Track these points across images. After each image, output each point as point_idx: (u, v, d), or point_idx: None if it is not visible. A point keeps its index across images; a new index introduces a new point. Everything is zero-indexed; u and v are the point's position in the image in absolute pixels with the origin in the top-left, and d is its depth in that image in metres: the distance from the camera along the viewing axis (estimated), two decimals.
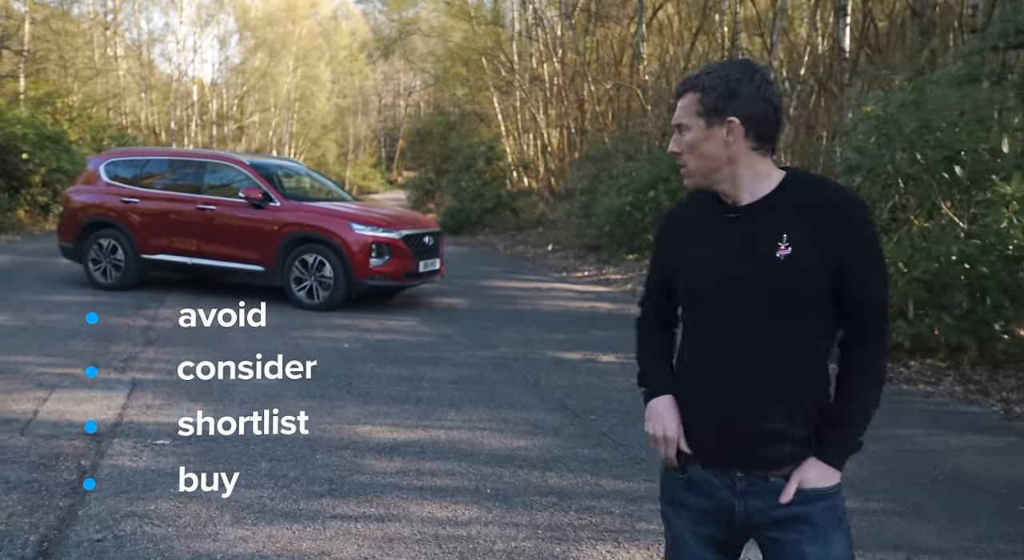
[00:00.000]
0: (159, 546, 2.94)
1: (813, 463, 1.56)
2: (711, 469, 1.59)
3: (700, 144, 1.58)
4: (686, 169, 1.61)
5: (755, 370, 1.54)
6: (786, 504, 1.54)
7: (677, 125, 1.61)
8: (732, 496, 1.57)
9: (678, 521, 1.63)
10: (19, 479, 3.49)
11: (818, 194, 1.56)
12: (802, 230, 1.52)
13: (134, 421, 4.37)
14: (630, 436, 4.44)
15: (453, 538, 3.12)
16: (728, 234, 1.57)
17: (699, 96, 1.57)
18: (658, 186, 11.93)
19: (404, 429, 4.45)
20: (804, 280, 1.52)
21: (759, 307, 1.52)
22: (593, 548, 3.09)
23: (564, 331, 7.54)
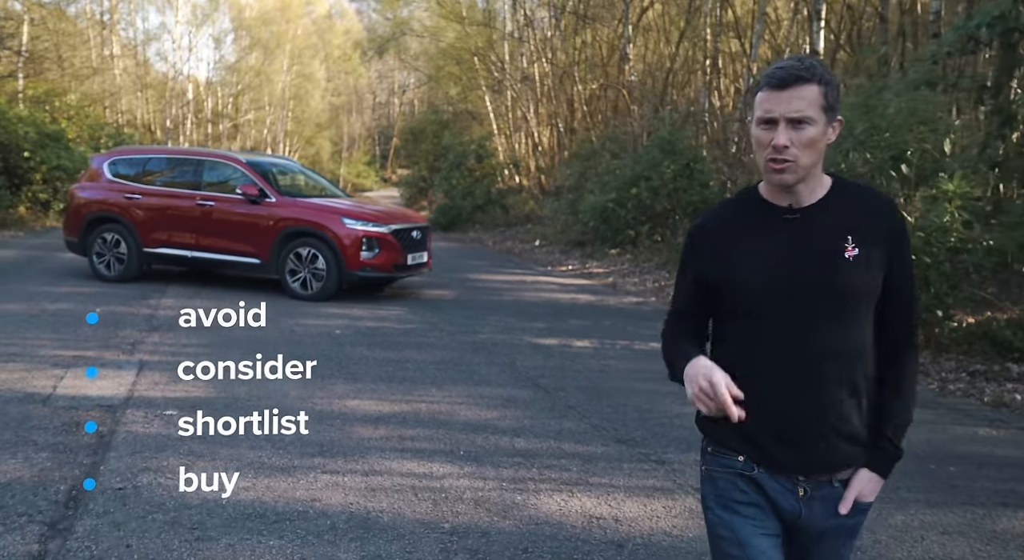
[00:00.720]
0: (171, 493, 3.40)
1: (868, 475, 1.58)
2: (775, 477, 1.57)
3: (820, 140, 1.51)
4: (792, 164, 1.50)
5: (824, 371, 1.53)
6: (843, 515, 1.57)
7: (793, 119, 1.49)
8: (796, 502, 1.57)
9: (746, 525, 1.58)
10: (46, 441, 3.94)
11: (868, 198, 1.59)
12: (864, 232, 1.54)
13: (144, 396, 4.83)
14: (594, 410, 4.90)
15: (427, 489, 3.58)
16: (786, 236, 1.54)
17: (823, 89, 1.50)
18: (640, 183, 12.38)
19: (388, 403, 4.92)
20: (871, 280, 1.54)
21: (828, 307, 1.52)
22: (550, 497, 3.55)
23: (544, 320, 8.01)
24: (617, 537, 3.18)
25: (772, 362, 1.54)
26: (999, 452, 4.38)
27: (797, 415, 1.53)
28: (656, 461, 4.06)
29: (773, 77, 1.50)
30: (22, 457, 3.72)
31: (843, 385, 1.54)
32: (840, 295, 1.52)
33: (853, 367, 1.54)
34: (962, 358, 6.29)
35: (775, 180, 1.53)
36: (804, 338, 1.52)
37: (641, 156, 13.11)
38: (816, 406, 1.53)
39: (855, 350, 1.55)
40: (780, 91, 1.48)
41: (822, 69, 1.50)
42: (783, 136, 1.48)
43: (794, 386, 1.53)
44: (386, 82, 59.77)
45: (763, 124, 1.51)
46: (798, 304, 1.51)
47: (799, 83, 1.47)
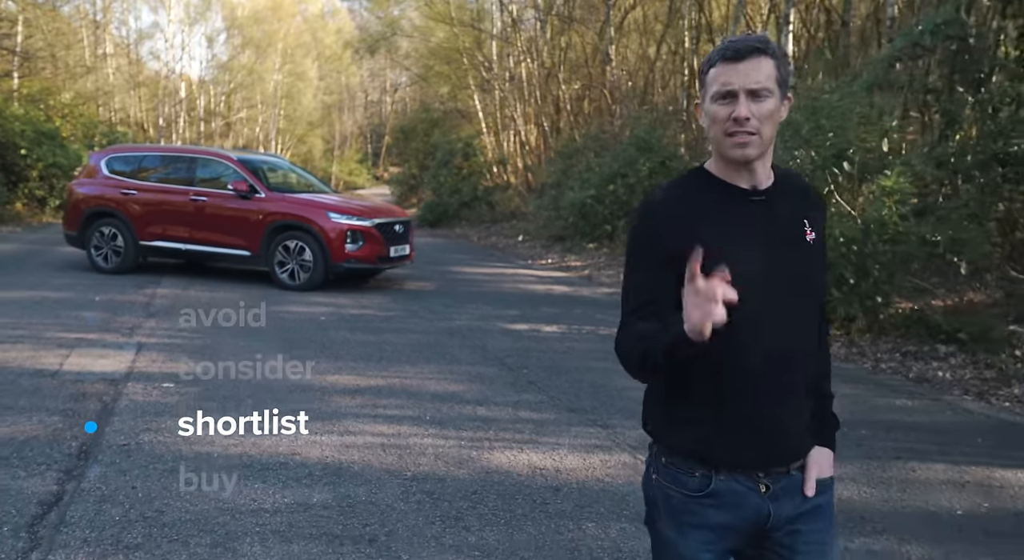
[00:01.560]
0: (170, 449, 3.89)
1: (823, 452, 1.56)
2: (735, 477, 1.50)
3: (775, 113, 1.46)
4: (755, 138, 1.44)
5: (786, 361, 1.49)
6: (810, 497, 1.53)
7: (753, 90, 1.43)
8: (760, 500, 1.50)
9: (691, 544, 1.51)
10: (57, 407, 4.43)
11: (798, 180, 1.61)
12: (813, 213, 1.55)
13: (143, 371, 5.31)
14: (552, 384, 5.41)
15: (394, 446, 4.08)
16: (755, 220, 1.48)
17: (775, 63, 1.45)
18: (616, 181, 12.91)
19: (365, 378, 5.42)
20: (823, 262, 1.55)
21: (792, 294, 1.48)
22: (501, 453, 4.06)
23: (518, 308, 8.51)
24: (555, 483, 3.69)
25: (743, 350, 1.44)
26: (908, 419, 4.90)
27: (767, 410, 1.47)
28: (601, 425, 4.57)
29: (728, 49, 1.45)
30: (37, 420, 4.20)
31: (804, 373, 1.52)
32: (807, 279, 1.51)
33: (811, 353, 1.54)
34: (898, 340, 6.81)
35: (737, 155, 1.44)
36: (773, 326, 1.46)
37: (619, 154, 13.62)
38: (784, 398, 1.49)
39: (814, 335, 1.54)
40: (736, 63, 1.43)
41: (774, 44, 1.47)
42: (744, 108, 1.42)
43: (769, 379, 1.46)
44: (378, 80, 60.10)
45: (721, 98, 1.44)
46: (773, 289, 1.45)
47: (756, 55, 1.43)
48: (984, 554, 3.09)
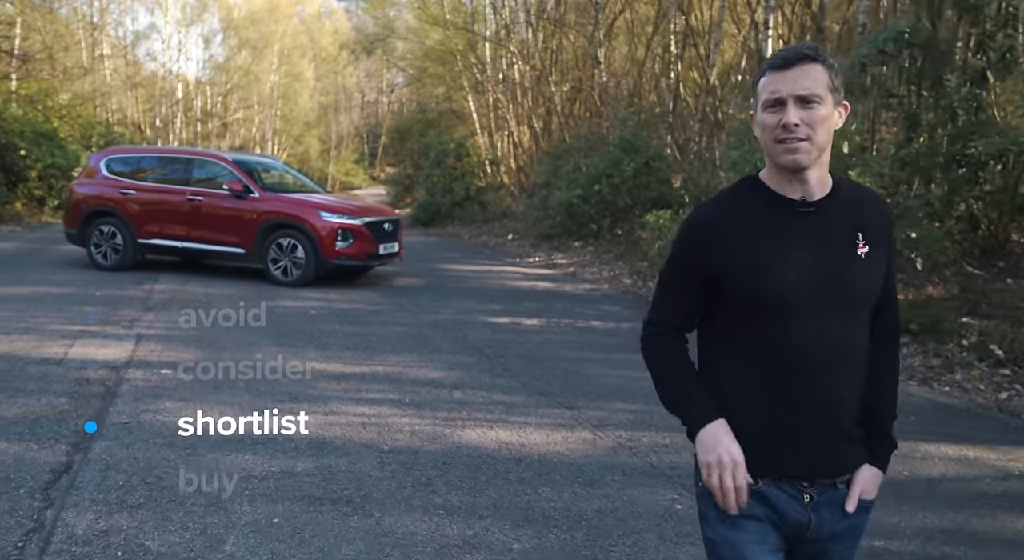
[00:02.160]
0: (168, 425, 4.25)
1: (870, 471, 1.55)
2: (778, 484, 1.52)
3: (828, 120, 1.45)
4: (805, 144, 1.43)
5: (838, 373, 1.48)
6: (850, 514, 1.53)
7: (802, 97, 1.43)
8: (802, 510, 1.51)
9: (746, 538, 1.52)
10: (63, 390, 4.79)
11: (867, 196, 1.57)
12: (870, 227, 1.51)
13: (142, 359, 5.68)
14: (526, 371, 5.78)
15: (374, 424, 4.46)
16: (803, 231, 1.48)
17: (828, 71, 1.46)
18: (602, 181, 13.27)
19: (351, 365, 5.79)
20: (877, 277, 1.52)
21: (839, 308, 1.47)
22: (472, 430, 4.43)
23: (501, 303, 8.88)
24: (519, 455, 4.06)
25: (787, 364, 1.47)
26: None
27: (812, 420, 1.48)
28: (567, 407, 4.94)
29: (777, 58, 1.47)
30: (45, 401, 4.56)
31: (851, 386, 1.51)
32: (853, 294, 1.49)
33: (859, 368, 1.52)
34: None
35: (787, 161, 1.45)
36: (820, 338, 1.46)
37: (605, 155, 13.99)
38: (830, 410, 1.48)
39: (860, 350, 1.52)
40: (785, 70, 1.44)
41: (824, 52, 1.47)
42: (793, 114, 1.43)
43: (809, 389, 1.47)
44: (375, 81, 60.40)
45: (770, 106, 1.45)
46: (817, 304, 1.45)
47: (804, 62, 1.44)
48: (892, 513, 3.46)
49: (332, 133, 54.54)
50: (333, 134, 54.70)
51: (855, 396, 1.52)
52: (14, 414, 4.31)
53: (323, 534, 3.09)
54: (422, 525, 3.22)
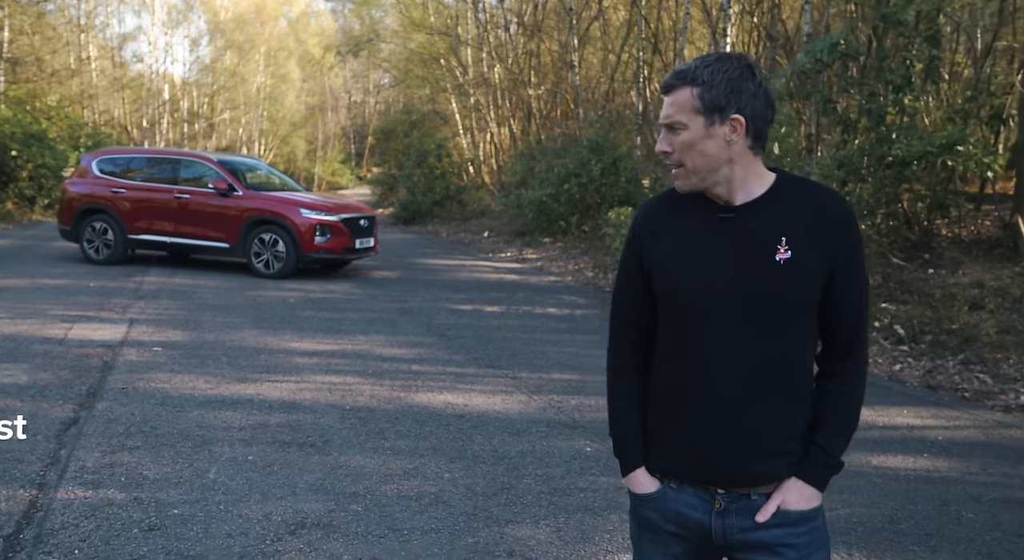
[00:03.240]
0: (160, 392, 4.92)
1: (795, 484, 1.50)
2: (688, 489, 1.53)
3: (698, 143, 1.45)
4: (683, 169, 1.48)
5: (750, 382, 1.45)
6: (767, 526, 1.48)
7: (668, 124, 1.47)
8: (707, 515, 1.51)
9: (645, 544, 1.59)
10: (66, 364, 5.45)
11: (811, 193, 1.50)
12: (799, 231, 1.45)
13: (135, 339, 6.33)
14: (480, 349, 6.48)
15: (339, 389, 5.14)
16: (722, 237, 1.47)
17: (698, 90, 1.44)
18: (571, 180, 13.98)
19: (323, 344, 6.47)
20: (803, 284, 1.44)
21: (757, 315, 1.44)
22: (424, 394, 5.12)
23: (468, 293, 9.58)
24: (461, 413, 4.76)
25: (699, 371, 1.47)
26: None
27: (721, 430, 1.46)
28: (511, 377, 5.64)
29: (664, 84, 1.51)
30: (51, 373, 5.22)
31: (772, 399, 1.46)
32: (773, 301, 1.44)
33: (784, 379, 1.47)
34: None
35: (676, 185, 1.52)
36: (733, 347, 1.45)
37: (574, 155, 14.69)
38: (743, 421, 1.46)
39: (787, 361, 1.47)
40: (664, 96, 1.49)
41: (703, 70, 1.43)
42: (661, 142, 1.49)
43: (720, 398, 1.46)
44: (361, 82, 60.90)
45: None
46: (731, 310, 1.44)
47: (671, 90, 1.47)
48: None
49: (319, 134, 55.03)
50: (320, 135, 55.17)
51: (781, 409, 1.47)
52: (25, 381, 4.96)
53: (289, 467, 3.78)
54: (371, 461, 3.91)
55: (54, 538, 2.96)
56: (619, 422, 1.62)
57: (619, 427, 1.62)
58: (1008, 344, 6.35)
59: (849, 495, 3.65)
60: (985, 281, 8.14)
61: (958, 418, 5.03)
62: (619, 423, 1.62)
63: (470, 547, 3.04)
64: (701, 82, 1.44)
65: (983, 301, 7.60)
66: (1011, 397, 5.36)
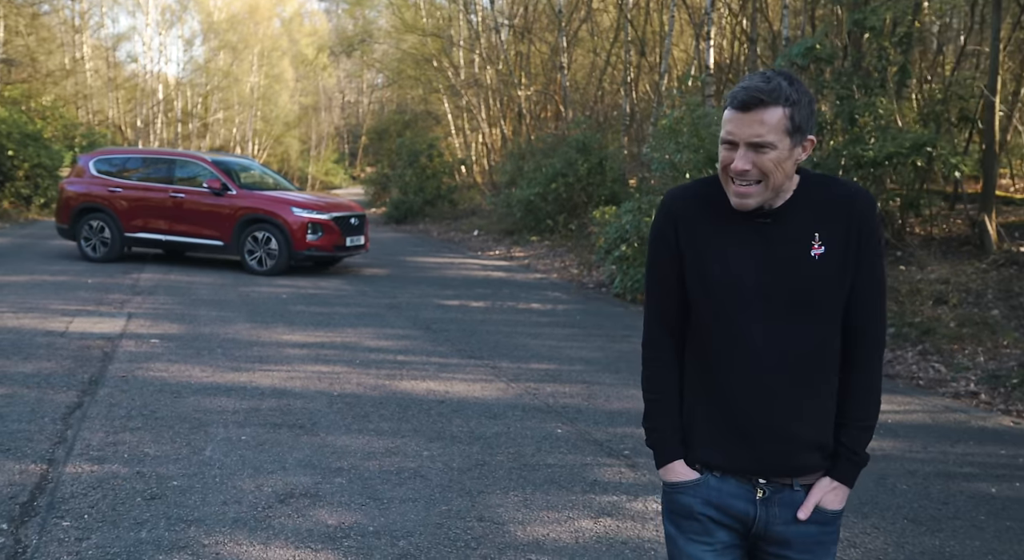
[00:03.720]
0: (158, 380, 5.21)
1: (831, 483, 1.55)
2: (731, 479, 1.56)
3: (784, 163, 1.46)
4: (757, 187, 1.47)
5: (793, 375, 1.49)
6: (806, 523, 1.53)
7: (757, 144, 1.44)
8: (751, 505, 1.54)
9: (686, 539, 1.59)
10: (68, 354, 5.74)
11: (836, 189, 1.54)
12: (830, 227, 1.49)
13: (133, 332, 6.62)
14: (463, 341, 6.78)
15: (327, 377, 5.44)
16: (759, 239, 1.50)
17: (790, 111, 1.43)
18: (558, 179, 14.30)
19: (313, 337, 6.77)
20: (836, 278, 1.49)
21: (796, 309, 1.48)
22: (408, 382, 5.42)
23: (455, 289, 9.88)
24: (442, 398, 5.06)
25: (740, 364, 1.50)
26: None
27: (761, 418, 1.50)
28: (491, 367, 5.95)
29: (736, 98, 1.45)
30: (55, 362, 5.51)
31: (808, 389, 1.51)
32: (808, 296, 1.48)
33: (820, 372, 1.52)
34: None
35: (736, 203, 1.49)
36: (779, 340, 1.48)
37: (561, 155, 15.01)
38: (781, 414, 1.50)
39: (821, 353, 1.51)
40: (743, 113, 1.44)
41: (789, 89, 1.43)
42: (742, 160, 1.45)
43: (763, 390, 1.49)
44: (355, 82, 61.09)
45: (726, 144, 1.48)
46: (768, 307, 1.48)
47: (760, 106, 1.42)
48: None
49: (312, 133, 55.24)
50: (313, 134, 55.38)
51: (817, 403, 1.52)
52: (31, 370, 5.25)
53: (279, 445, 4.08)
54: (356, 441, 4.21)
55: (65, 505, 3.26)
56: (656, 414, 1.63)
57: (656, 419, 1.63)
58: (965, 336, 6.68)
59: None
60: (950, 277, 8.48)
61: (910, 404, 5.36)
62: (656, 415, 1.63)
63: (443, 513, 3.35)
64: (792, 102, 1.44)
65: (947, 296, 7.94)
66: (961, 385, 5.70)
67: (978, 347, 6.39)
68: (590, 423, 4.65)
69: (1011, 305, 7.55)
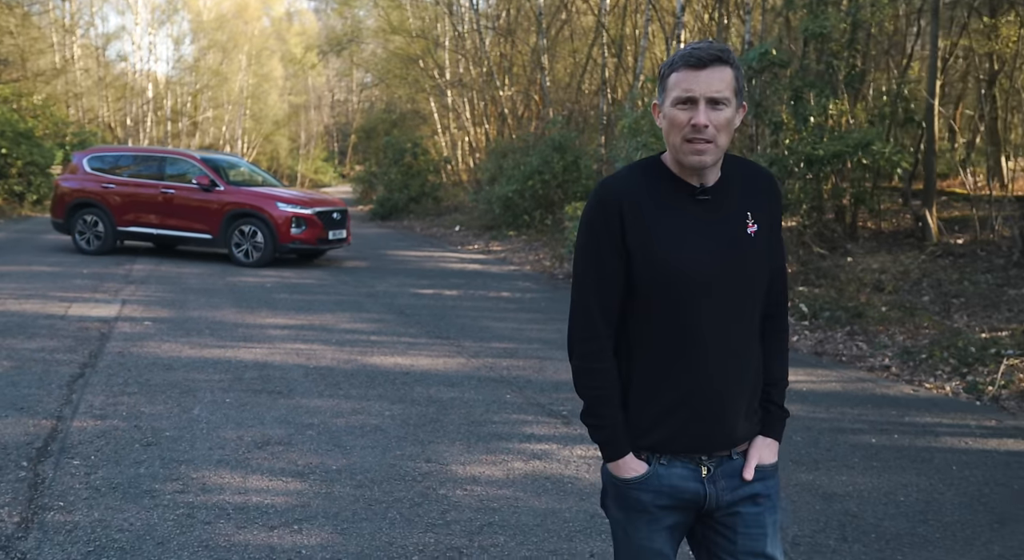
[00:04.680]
0: (151, 355, 5.78)
1: (765, 441, 1.63)
2: (676, 462, 1.58)
3: (733, 122, 1.49)
4: (711, 145, 1.47)
5: (736, 349, 1.55)
6: (750, 482, 1.59)
7: (713, 99, 1.46)
8: (699, 484, 1.57)
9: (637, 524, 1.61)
10: (69, 334, 6.29)
11: (751, 168, 1.62)
12: (757, 205, 1.58)
13: (128, 315, 7.18)
14: (432, 324, 7.37)
15: (305, 354, 6.02)
16: (701, 217, 1.53)
17: (735, 73, 1.47)
18: (534, 177, 14.89)
19: (294, 320, 7.34)
20: (767, 253, 1.58)
21: (741, 287, 1.54)
22: (378, 357, 6.01)
23: (431, 280, 10.47)
24: (407, 371, 5.65)
25: (697, 345, 1.52)
26: None
27: (714, 399, 1.54)
28: (455, 345, 6.54)
29: (691, 57, 1.46)
30: (57, 341, 6.07)
31: (748, 361, 1.58)
32: (748, 273, 1.54)
33: (754, 342, 1.59)
34: None
35: (694, 162, 1.49)
36: (721, 320, 1.52)
37: (538, 153, 15.60)
38: (731, 388, 1.55)
39: (755, 325, 1.59)
40: (699, 70, 1.45)
41: (733, 54, 1.49)
42: (703, 115, 1.45)
43: (710, 369, 1.52)
44: (345, 80, 61.44)
45: (681, 104, 1.48)
46: (719, 285, 1.51)
47: (717, 64, 1.46)
48: None
49: (302, 132, 55.63)
50: (303, 133, 55.78)
51: (755, 372, 1.60)
52: (36, 346, 5.82)
53: (258, 406, 4.66)
54: (327, 403, 4.80)
55: (74, 450, 3.83)
56: (601, 408, 1.59)
57: (602, 413, 1.59)
58: (892, 319, 7.32)
59: None
60: (890, 267, 9.13)
61: (828, 376, 5.99)
62: (601, 409, 1.59)
63: (397, 457, 3.94)
64: (736, 66, 1.49)
65: (884, 284, 8.58)
66: (877, 360, 6.33)
67: (900, 328, 7.02)
68: (537, 390, 5.25)
69: (940, 292, 8.20)
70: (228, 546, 2.94)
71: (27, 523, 3.05)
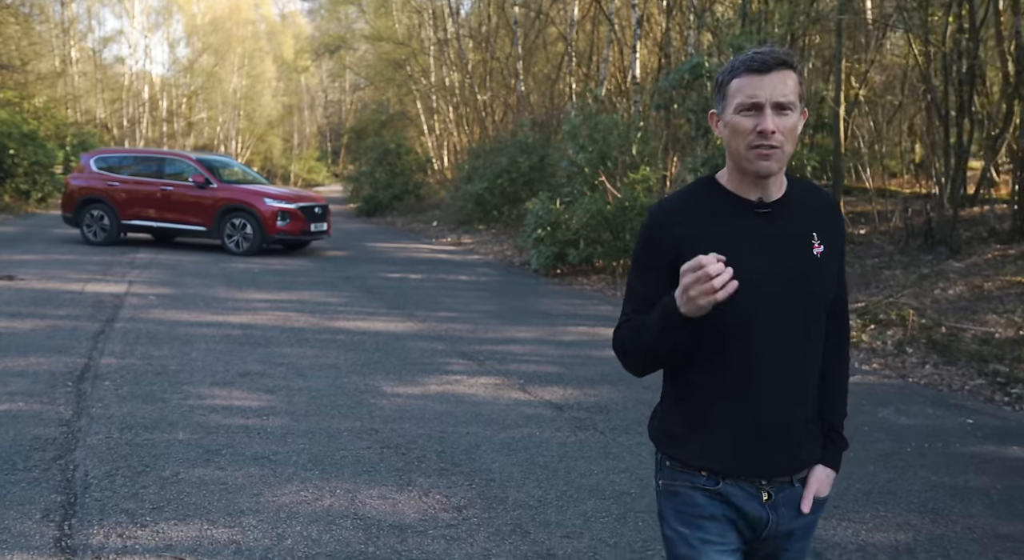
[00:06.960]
0: (156, 320, 7.13)
1: (824, 471, 1.58)
2: (737, 484, 1.52)
3: (796, 131, 1.45)
4: (778, 151, 1.43)
5: (797, 372, 1.51)
6: (804, 514, 1.55)
7: (779, 104, 1.41)
8: (762, 508, 1.53)
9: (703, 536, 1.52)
10: (88, 305, 7.63)
11: (818, 193, 1.58)
12: (823, 227, 1.53)
13: (135, 292, 8.53)
14: (394, 301, 8.72)
15: (283, 319, 7.37)
16: (760, 233, 1.48)
17: (798, 77, 1.44)
18: (503, 175, 16.25)
19: (276, 296, 8.70)
20: (833, 276, 1.54)
21: (804, 308, 1.50)
22: (342, 322, 7.36)
23: (401, 266, 11.82)
24: (364, 331, 7.01)
25: (753, 368, 1.48)
26: (582, 312, 8.33)
27: (776, 422, 1.50)
28: (408, 314, 7.89)
29: (755, 61, 1.42)
30: (79, 310, 7.40)
31: (810, 384, 1.55)
32: (812, 293, 1.50)
33: (816, 367, 1.55)
34: None
35: (761, 168, 1.43)
36: (783, 341, 1.48)
37: (506, 154, 16.96)
38: (793, 411, 1.51)
39: (818, 349, 1.55)
40: (763, 75, 1.41)
41: (795, 58, 1.45)
42: (771, 121, 1.41)
43: (774, 390, 1.49)
44: (338, 81, 62.58)
45: (745, 110, 1.43)
46: (783, 305, 1.47)
47: (782, 68, 1.42)
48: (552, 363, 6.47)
49: (295, 132, 56.84)
50: (296, 133, 56.99)
51: (812, 393, 1.56)
52: (63, 313, 7.16)
53: (242, 352, 6.02)
54: (296, 350, 6.15)
55: (104, 376, 5.18)
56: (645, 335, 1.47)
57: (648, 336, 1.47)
58: None
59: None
60: None
61: None
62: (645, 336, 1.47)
63: (344, 382, 5.30)
64: (798, 70, 1.45)
65: None
66: None
67: None
68: (465, 344, 6.61)
69: None
70: (216, 427, 4.30)
71: (78, 414, 4.41)
